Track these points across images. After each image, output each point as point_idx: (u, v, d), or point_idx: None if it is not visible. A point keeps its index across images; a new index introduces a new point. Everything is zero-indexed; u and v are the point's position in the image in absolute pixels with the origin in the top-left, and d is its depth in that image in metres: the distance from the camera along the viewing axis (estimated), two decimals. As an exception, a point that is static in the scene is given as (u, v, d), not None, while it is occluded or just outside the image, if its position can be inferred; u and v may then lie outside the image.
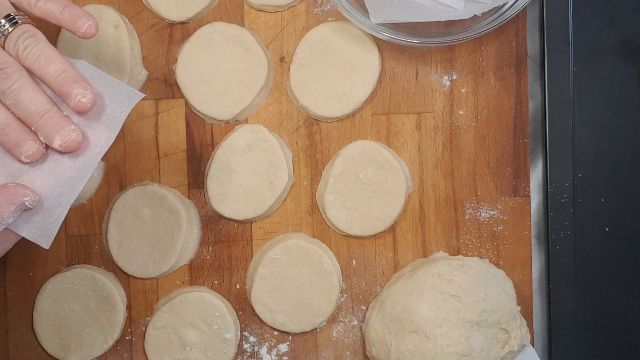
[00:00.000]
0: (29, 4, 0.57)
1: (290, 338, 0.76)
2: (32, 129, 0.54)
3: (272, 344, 0.76)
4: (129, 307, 0.76)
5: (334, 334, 0.76)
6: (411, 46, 0.74)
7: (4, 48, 0.56)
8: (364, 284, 0.75)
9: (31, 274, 0.76)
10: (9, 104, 0.54)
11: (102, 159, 0.76)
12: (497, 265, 0.75)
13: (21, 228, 0.54)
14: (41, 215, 0.54)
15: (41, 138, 0.54)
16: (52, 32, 0.75)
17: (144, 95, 0.57)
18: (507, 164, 0.75)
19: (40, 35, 0.56)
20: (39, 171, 0.55)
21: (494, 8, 0.69)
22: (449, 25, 0.71)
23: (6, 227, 0.54)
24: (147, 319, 0.76)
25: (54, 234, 0.55)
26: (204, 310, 0.74)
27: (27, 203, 0.53)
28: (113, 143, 0.57)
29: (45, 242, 0.55)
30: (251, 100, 0.74)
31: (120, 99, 0.56)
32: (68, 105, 0.55)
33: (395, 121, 0.75)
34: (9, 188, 0.53)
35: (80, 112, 0.55)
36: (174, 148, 0.76)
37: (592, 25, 0.74)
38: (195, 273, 0.76)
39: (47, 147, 0.55)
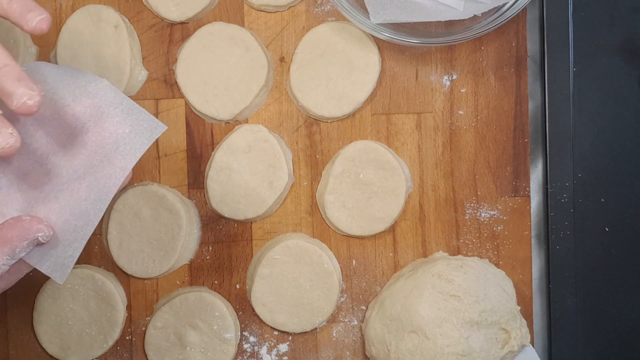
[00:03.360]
0: None
1: (290, 338, 0.76)
2: None
3: (272, 344, 0.76)
4: (129, 307, 0.76)
5: (334, 334, 0.76)
6: (411, 46, 0.74)
7: None
8: (364, 284, 0.75)
9: (31, 274, 0.75)
10: None
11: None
12: (497, 265, 0.75)
13: (36, 261, 0.53)
14: (57, 249, 0.52)
15: None
16: (52, 31, 0.76)
17: (166, 127, 0.54)
18: (507, 164, 0.75)
19: None
20: (55, 202, 0.52)
21: (494, 8, 0.69)
22: (449, 25, 0.71)
23: (20, 259, 0.52)
24: (147, 319, 0.76)
25: (69, 270, 0.52)
26: (204, 310, 0.74)
27: (40, 239, 0.51)
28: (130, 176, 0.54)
29: (60, 277, 0.53)
30: (251, 100, 0.74)
31: (142, 130, 0.53)
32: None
33: (395, 121, 0.75)
34: (24, 222, 0.51)
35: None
36: (174, 148, 0.76)
37: (592, 25, 0.74)
38: (195, 273, 0.76)
39: (65, 176, 0.53)
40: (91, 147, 0.53)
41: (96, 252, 0.76)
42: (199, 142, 0.76)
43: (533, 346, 0.74)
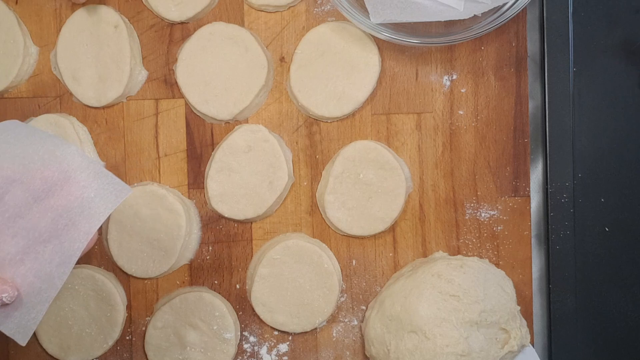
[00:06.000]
0: None
1: (290, 338, 0.76)
2: None
3: (272, 344, 0.76)
4: (129, 307, 0.76)
5: (334, 334, 0.76)
6: (411, 46, 0.74)
7: None
8: (364, 284, 0.75)
9: (31, 274, 0.76)
10: None
11: (102, 159, 0.76)
12: (497, 265, 0.75)
13: None
14: (20, 311, 0.53)
15: None
16: (52, 31, 0.76)
17: (132, 191, 0.56)
18: (507, 164, 0.75)
19: None
20: (20, 264, 0.53)
21: (494, 8, 0.69)
22: (449, 25, 0.71)
23: None
24: (147, 319, 0.76)
25: (32, 332, 0.53)
26: (204, 310, 0.74)
27: (4, 299, 0.51)
28: (95, 238, 0.55)
29: (22, 339, 0.53)
30: (251, 100, 0.74)
31: (107, 194, 0.55)
32: None
33: (395, 121, 0.75)
34: None
35: None
36: (174, 148, 0.76)
37: (592, 25, 0.74)
38: (195, 273, 0.76)
39: (29, 236, 0.54)
40: (57, 211, 0.54)
41: (96, 252, 0.76)
42: (199, 142, 0.76)
43: (533, 346, 0.74)
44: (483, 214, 0.75)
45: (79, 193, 0.54)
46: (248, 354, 0.76)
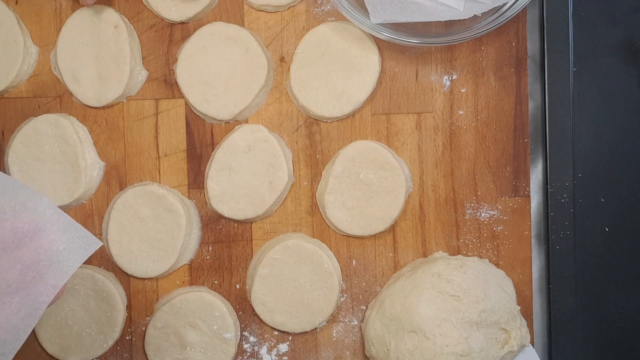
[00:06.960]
0: None
1: (290, 338, 0.76)
2: None
3: (272, 344, 0.76)
4: (129, 307, 0.76)
5: (334, 334, 0.76)
6: (411, 46, 0.74)
7: None
8: (364, 284, 0.75)
9: (31, 274, 0.76)
10: None
11: (102, 159, 0.76)
12: (497, 265, 0.75)
13: None
14: None
15: None
16: (52, 31, 0.76)
17: (101, 244, 0.56)
18: (507, 164, 0.75)
19: None
20: None
21: (494, 8, 0.69)
22: (449, 25, 0.71)
23: None
24: (147, 319, 0.76)
25: None
26: (204, 310, 0.74)
27: None
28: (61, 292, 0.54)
29: None
30: (251, 100, 0.74)
31: (76, 248, 0.54)
32: None
33: (395, 121, 0.75)
34: None
35: None
36: (174, 148, 0.76)
37: (592, 25, 0.74)
38: (195, 273, 0.76)
39: None
40: (26, 263, 0.53)
41: (96, 252, 0.76)
42: (199, 142, 0.76)
43: (533, 346, 0.74)
44: (483, 214, 0.75)
45: (48, 246, 0.54)
46: (248, 354, 0.76)
